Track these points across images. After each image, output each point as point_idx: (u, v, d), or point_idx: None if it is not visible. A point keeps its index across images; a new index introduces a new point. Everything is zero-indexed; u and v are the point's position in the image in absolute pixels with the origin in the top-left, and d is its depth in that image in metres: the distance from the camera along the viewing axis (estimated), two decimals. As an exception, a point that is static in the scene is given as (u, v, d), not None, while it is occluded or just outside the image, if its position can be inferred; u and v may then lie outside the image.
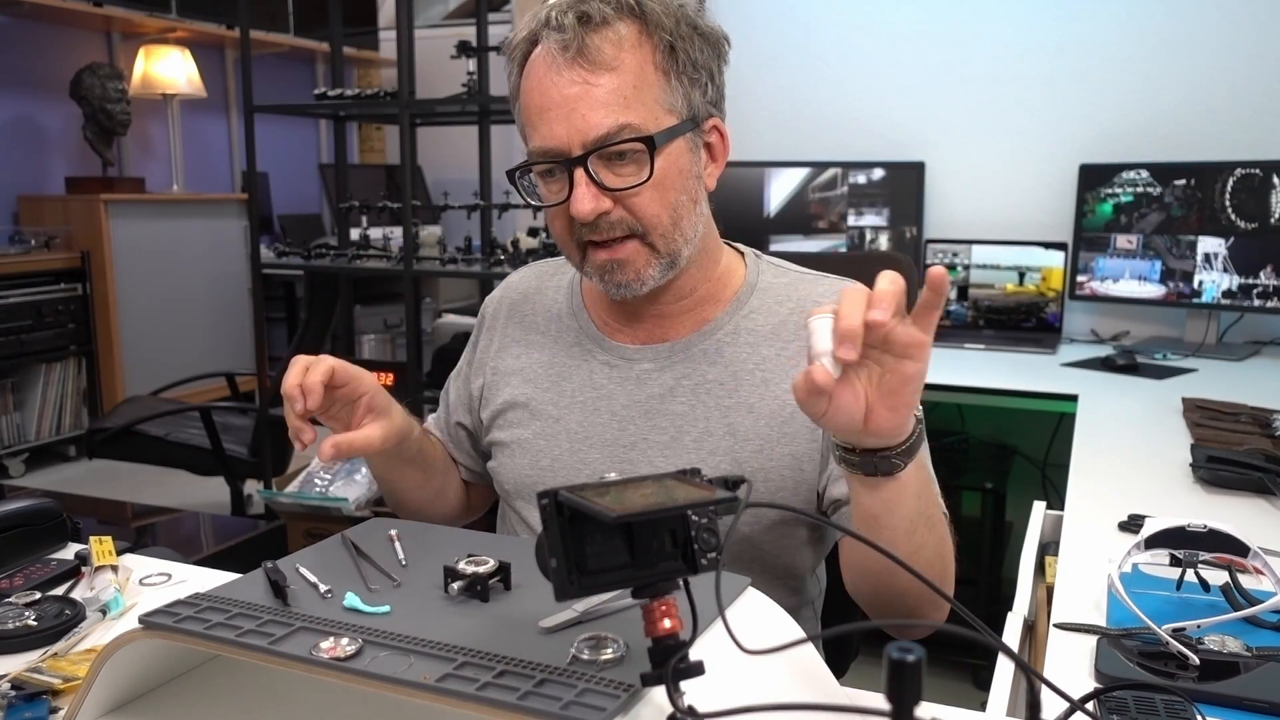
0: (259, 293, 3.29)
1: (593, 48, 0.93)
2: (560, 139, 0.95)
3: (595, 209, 0.95)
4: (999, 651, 0.64)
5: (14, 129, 4.40)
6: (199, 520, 2.64)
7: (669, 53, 0.96)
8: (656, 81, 0.96)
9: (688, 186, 1.00)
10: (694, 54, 0.97)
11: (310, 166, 5.66)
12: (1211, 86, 2.67)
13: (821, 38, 3.03)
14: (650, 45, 0.96)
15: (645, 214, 0.97)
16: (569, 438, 1.09)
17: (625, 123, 0.94)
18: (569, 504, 0.58)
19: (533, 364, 1.14)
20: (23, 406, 4.12)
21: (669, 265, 1.01)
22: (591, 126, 0.94)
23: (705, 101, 1.00)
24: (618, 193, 0.96)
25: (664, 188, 0.97)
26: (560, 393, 1.11)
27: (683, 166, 0.99)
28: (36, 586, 0.98)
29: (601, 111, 0.94)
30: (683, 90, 0.97)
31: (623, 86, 0.94)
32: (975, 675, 2.32)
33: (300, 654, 0.63)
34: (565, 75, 0.94)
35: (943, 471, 1.11)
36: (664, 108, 0.96)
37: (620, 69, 0.94)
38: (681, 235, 1.00)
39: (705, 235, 1.05)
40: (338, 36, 3.42)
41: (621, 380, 1.08)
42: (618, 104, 0.94)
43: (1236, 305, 2.57)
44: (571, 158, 0.95)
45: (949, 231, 2.93)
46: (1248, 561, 0.94)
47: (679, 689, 0.57)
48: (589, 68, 0.94)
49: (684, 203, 0.99)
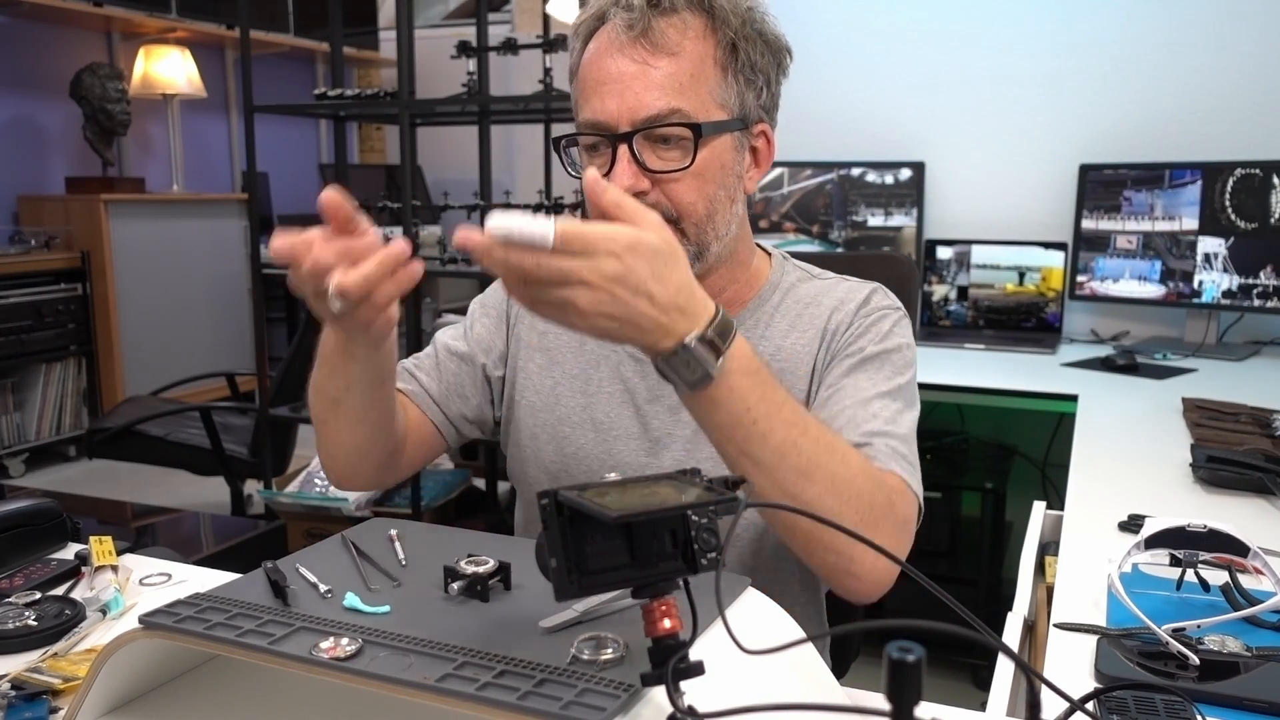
0: (259, 293, 3.28)
1: (657, 30, 0.95)
2: (610, 114, 0.96)
3: (633, 186, 0.96)
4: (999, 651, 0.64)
5: (14, 129, 4.40)
6: (199, 520, 2.63)
7: (730, 50, 0.98)
8: (714, 75, 0.97)
9: (727, 183, 1.01)
10: (754, 56, 0.99)
11: (310, 166, 5.66)
12: (1211, 86, 2.67)
13: (821, 38, 3.03)
14: (714, 39, 0.97)
15: (681, 201, 0.98)
16: (594, 427, 1.10)
17: (676, 107, 0.95)
18: (569, 504, 0.58)
19: (560, 346, 1.14)
20: (23, 406, 4.12)
21: (695, 256, 1.00)
22: (643, 105, 0.95)
23: (758, 105, 1.02)
24: (658, 174, 0.97)
25: (704, 179, 0.98)
26: (587, 380, 1.12)
27: (725, 162, 1.00)
28: (36, 586, 0.98)
29: (655, 93, 0.95)
30: (738, 89, 0.99)
31: (679, 73, 0.95)
32: (975, 675, 2.32)
33: (300, 654, 0.63)
34: (626, 53, 0.96)
35: (943, 471, 1.11)
36: (716, 102, 0.98)
37: (680, 55, 0.96)
38: (713, 229, 1.01)
39: (738, 237, 1.06)
40: (338, 36, 3.41)
41: (647, 374, 1.09)
42: (672, 88, 0.95)
43: (1236, 305, 2.57)
44: (618, 133, 0.96)
45: (949, 231, 2.93)
46: (1248, 561, 0.94)
47: (679, 689, 0.57)
48: (650, 49, 0.95)
49: (721, 198, 1.00)
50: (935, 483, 1.05)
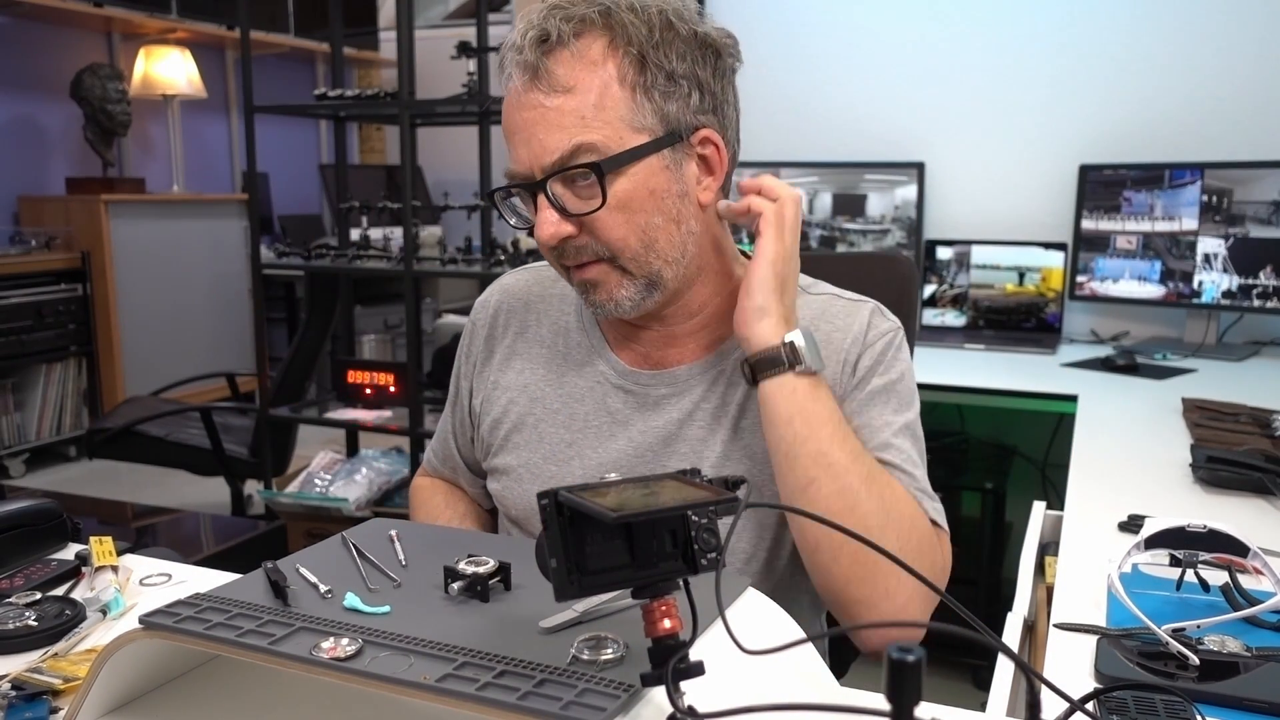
0: (259, 293, 3.28)
1: (547, 69, 0.91)
2: (523, 163, 0.94)
3: (556, 234, 0.93)
4: (999, 651, 0.64)
5: (14, 129, 4.41)
6: (199, 520, 2.63)
7: (638, 67, 0.92)
8: (622, 98, 0.92)
9: (664, 207, 0.95)
10: (671, 64, 0.93)
11: (310, 167, 5.66)
12: (1211, 86, 2.67)
13: (821, 38, 3.04)
14: (615, 61, 0.92)
15: (610, 238, 0.94)
16: (582, 463, 1.06)
17: (581, 143, 0.91)
18: (569, 504, 0.58)
19: (538, 380, 1.11)
20: (23, 407, 4.12)
21: (647, 286, 0.97)
22: (547, 150, 0.91)
23: (690, 113, 0.95)
24: (579, 217, 0.94)
25: (631, 210, 0.94)
26: (572, 415, 1.08)
27: (655, 186, 0.94)
28: (37, 587, 0.97)
29: (557, 135, 0.91)
30: (653, 106, 0.93)
31: (581, 106, 0.91)
32: (975, 675, 2.32)
33: (300, 654, 0.63)
34: (525, 99, 0.92)
35: (943, 471, 1.11)
36: (630, 127, 0.92)
37: (576, 89, 0.91)
38: (659, 257, 0.96)
39: (706, 251, 1.01)
40: (338, 37, 3.41)
41: (637, 406, 1.06)
42: (575, 125, 0.91)
43: (1236, 305, 2.57)
44: (534, 182, 0.94)
45: (949, 232, 2.93)
46: (1247, 561, 0.94)
47: (679, 689, 0.57)
48: (546, 90, 0.91)
49: (658, 224, 0.95)
50: (935, 483, 1.05)
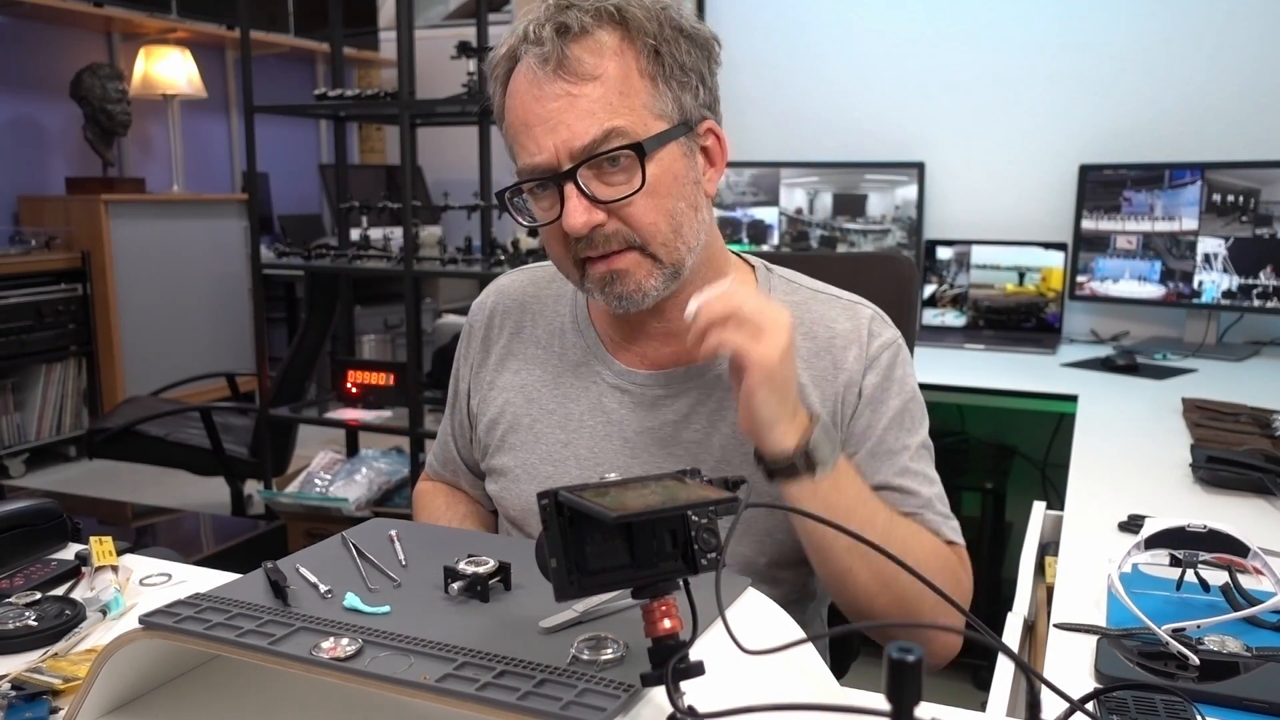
0: (259, 293, 3.28)
1: (573, 58, 0.91)
2: (548, 153, 0.92)
3: (588, 222, 0.92)
4: (999, 651, 0.64)
5: (14, 129, 4.40)
6: (199, 520, 2.64)
7: (654, 57, 0.93)
8: (643, 87, 0.93)
9: (685, 193, 0.96)
10: (680, 57, 0.95)
11: (310, 167, 5.66)
12: (1211, 86, 2.67)
13: (821, 38, 3.03)
14: (634, 51, 0.93)
15: (642, 223, 0.94)
16: (578, 464, 1.06)
17: (612, 127, 0.91)
18: (569, 504, 0.58)
19: (534, 381, 1.11)
20: (23, 407, 4.12)
21: (672, 275, 0.97)
22: (577, 136, 0.91)
23: (697, 105, 0.97)
24: (611, 204, 0.93)
25: (660, 195, 0.94)
26: (567, 415, 1.08)
27: (678, 172, 0.95)
28: (37, 586, 0.97)
29: (587, 120, 0.91)
30: (672, 95, 0.94)
31: (608, 94, 0.91)
32: (975, 675, 2.32)
33: (300, 654, 0.63)
34: (548, 89, 0.91)
35: (943, 471, 1.11)
36: (653, 113, 0.93)
37: (604, 77, 0.91)
38: (684, 243, 0.97)
39: (709, 245, 1.02)
40: (338, 37, 3.41)
41: (634, 406, 1.05)
42: (604, 111, 0.91)
43: (1236, 305, 2.57)
44: (560, 172, 0.92)
45: (949, 232, 2.93)
46: (1247, 561, 0.94)
47: (679, 689, 0.57)
48: (571, 79, 0.91)
49: (683, 209, 0.96)
50: (935, 483, 1.05)
